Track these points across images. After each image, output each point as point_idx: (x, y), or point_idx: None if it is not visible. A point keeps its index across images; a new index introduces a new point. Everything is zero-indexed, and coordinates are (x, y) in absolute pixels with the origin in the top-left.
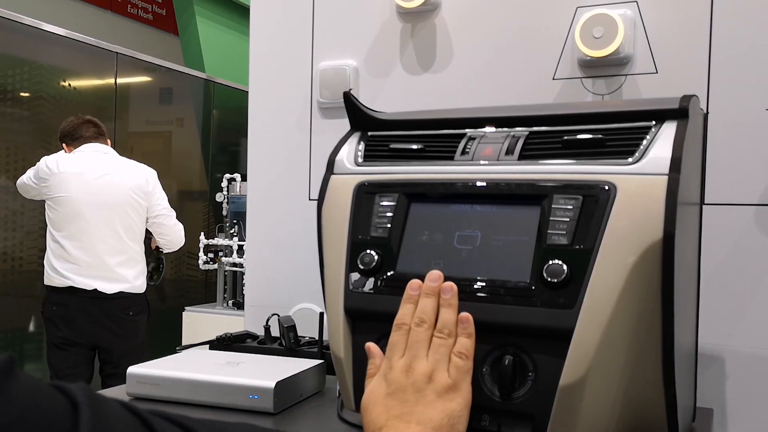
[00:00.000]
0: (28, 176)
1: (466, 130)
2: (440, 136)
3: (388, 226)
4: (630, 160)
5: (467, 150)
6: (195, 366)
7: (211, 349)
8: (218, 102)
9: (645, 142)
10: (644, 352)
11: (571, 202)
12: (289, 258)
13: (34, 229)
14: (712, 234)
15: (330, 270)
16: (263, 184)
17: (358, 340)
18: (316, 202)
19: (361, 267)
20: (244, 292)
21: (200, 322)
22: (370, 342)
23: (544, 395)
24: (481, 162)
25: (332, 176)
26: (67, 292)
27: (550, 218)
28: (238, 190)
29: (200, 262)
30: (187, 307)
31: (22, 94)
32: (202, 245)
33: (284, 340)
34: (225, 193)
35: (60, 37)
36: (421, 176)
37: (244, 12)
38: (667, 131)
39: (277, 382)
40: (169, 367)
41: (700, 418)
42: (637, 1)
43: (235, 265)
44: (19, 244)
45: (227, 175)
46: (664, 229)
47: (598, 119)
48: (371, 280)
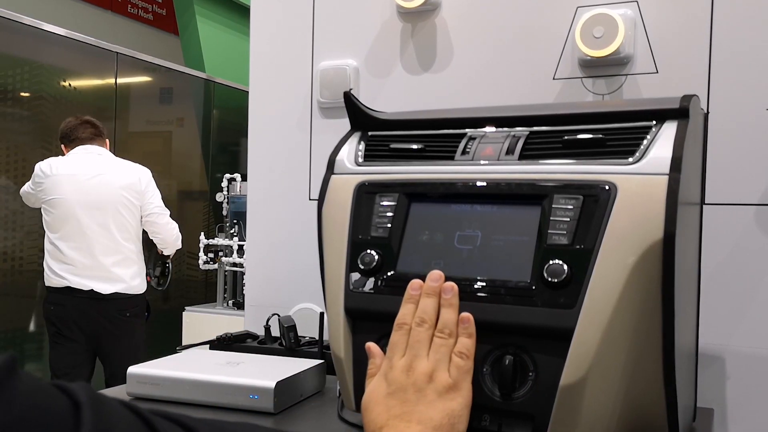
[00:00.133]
0: (27, 184)
1: (467, 130)
2: (440, 135)
3: (389, 226)
4: (630, 159)
5: (468, 150)
6: (195, 366)
7: (211, 349)
8: (218, 102)
9: (645, 142)
10: (645, 352)
11: (571, 201)
12: (289, 258)
13: (34, 229)
14: (713, 234)
15: (330, 270)
16: (263, 184)
17: (358, 340)
18: (317, 202)
19: (362, 267)
20: (244, 292)
21: (200, 322)
22: (371, 342)
23: (545, 395)
24: (482, 162)
25: (332, 176)
26: (65, 292)
27: (551, 218)
28: (238, 190)
29: (200, 262)
30: (187, 307)
31: (23, 94)
32: (202, 245)
33: (284, 340)
34: (225, 193)
35: (60, 37)
36: (422, 176)
37: (245, 12)
38: (668, 131)
39: (278, 382)
40: (169, 367)
41: (701, 418)
42: (637, 1)
43: (235, 265)
44: (19, 244)
45: (227, 175)
46: (665, 229)
47: (599, 119)
48: (371, 280)
